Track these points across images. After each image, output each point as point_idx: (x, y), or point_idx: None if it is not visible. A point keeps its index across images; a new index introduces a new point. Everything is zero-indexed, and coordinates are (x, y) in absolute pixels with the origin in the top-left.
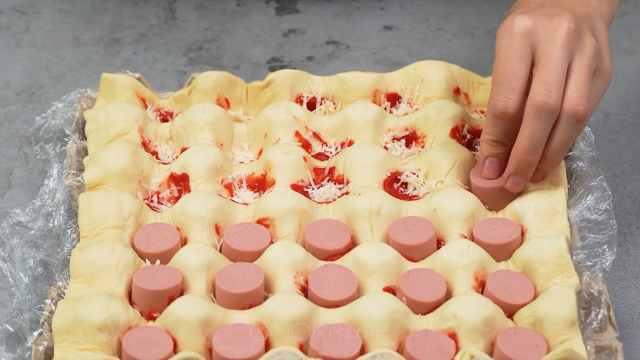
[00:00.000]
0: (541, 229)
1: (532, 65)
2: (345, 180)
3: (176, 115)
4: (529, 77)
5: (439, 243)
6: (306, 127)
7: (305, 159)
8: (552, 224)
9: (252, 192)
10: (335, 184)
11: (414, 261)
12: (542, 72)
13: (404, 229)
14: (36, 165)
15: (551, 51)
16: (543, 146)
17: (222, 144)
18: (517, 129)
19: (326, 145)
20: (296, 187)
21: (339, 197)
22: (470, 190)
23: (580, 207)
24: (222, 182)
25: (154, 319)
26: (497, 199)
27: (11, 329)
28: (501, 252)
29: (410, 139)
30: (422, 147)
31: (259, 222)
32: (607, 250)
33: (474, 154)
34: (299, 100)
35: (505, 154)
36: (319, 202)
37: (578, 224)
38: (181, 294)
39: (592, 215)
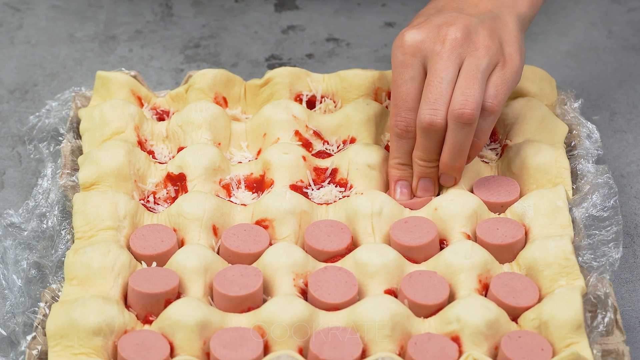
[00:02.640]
0: (543, 226)
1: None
2: (348, 185)
3: (173, 113)
4: None
5: (442, 242)
6: (306, 126)
7: (304, 158)
8: (554, 220)
9: (251, 192)
10: (336, 186)
11: (416, 262)
12: (427, 90)
13: (406, 230)
14: (30, 165)
15: (437, 65)
16: (437, 157)
17: (219, 144)
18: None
19: (327, 144)
20: (295, 188)
21: (339, 199)
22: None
23: (587, 205)
24: (219, 183)
25: (150, 322)
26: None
27: (4, 333)
28: (505, 252)
29: None
30: None
31: (258, 223)
32: (613, 248)
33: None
34: (298, 98)
35: (411, 175)
36: (318, 203)
37: (584, 222)
38: (178, 297)
39: (598, 212)
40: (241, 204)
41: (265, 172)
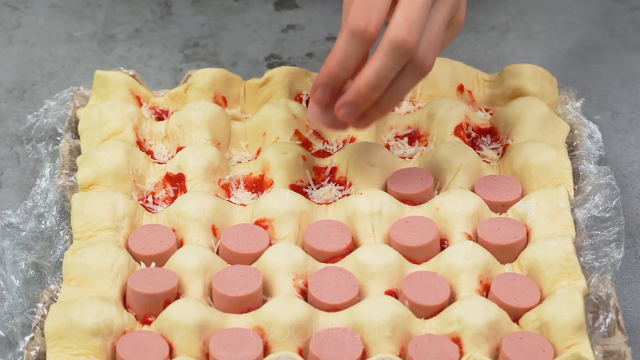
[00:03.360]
0: (545, 226)
1: None
2: (347, 183)
3: (172, 113)
4: (392, 7)
5: (443, 242)
6: (306, 126)
7: (304, 158)
8: (555, 220)
9: (250, 192)
10: (336, 185)
11: (417, 263)
12: (408, 6)
13: (406, 230)
14: (28, 165)
15: None
16: (386, 84)
17: (219, 143)
18: (363, 60)
19: (327, 143)
20: (295, 188)
21: (339, 198)
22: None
23: (588, 206)
24: (219, 183)
25: (149, 323)
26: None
27: (2, 334)
28: (506, 252)
29: (413, 137)
30: (425, 145)
31: (257, 223)
32: (615, 248)
33: (478, 153)
34: (298, 98)
35: (341, 84)
36: (318, 203)
37: (586, 222)
38: (177, 297)
39: (599, 213)
40: (240, 204)
41: (264, 172)
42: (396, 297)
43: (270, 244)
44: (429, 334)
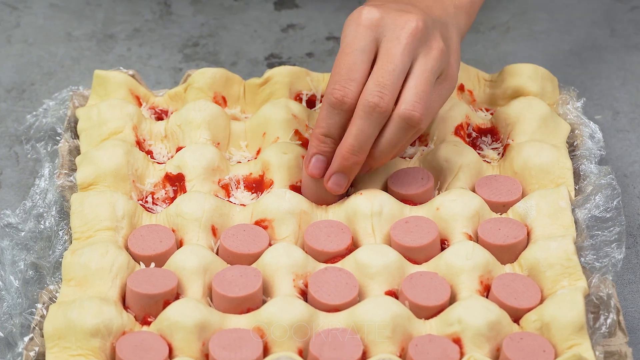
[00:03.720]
0: (546, 226)
1: (375, 59)
2: None
3: (171, 113)
4: (370, 72)
5: (443, 243)
6: (306, 125)
7: (303, 157)
8: (556, 220)
9: (250, 192)
10: None
11: (417, 263)
12: (378, 72)
13: (407, 230)
14: (27, 165)
15: (393, 49)
16: (369, 147)
17: (218, 143)
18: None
19: None
20: (295, 188)
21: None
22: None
23: (589, 206)
24: (218, 183)
25: (148, 323)
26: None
27: (1, 334)
28: (507, 253)
29: None
30: (426, 145)
31: (257, 223)
32: (615, 248)
33: (479, 153)
34: (298, 97)
35: (332, 152)
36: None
37: (586, 222)
38: (177, 297)
39: (600, 214)
40: (240, 204)
41: (264, 172)
42: (396, 298)
43: (270, 244)
44: (430, 334)
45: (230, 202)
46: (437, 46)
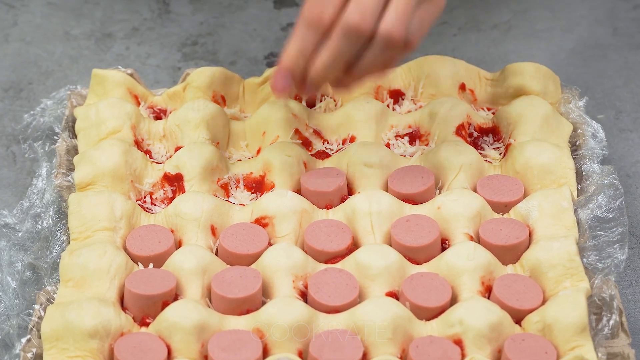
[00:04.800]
0: (548, 227)
1: None
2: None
3: (170, 112)
4: None
5: (444, 243)
6: (306, 125)
7: (305, 164)
8: (559, 221)
9: (250, 192)
10: None
11: (418, 263)
12: None
13: (407, 229)
14: (24, 165)
15: None
16: (344, 65)
17: (218, 143)
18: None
19: (327, 143)
20: (297, 192)
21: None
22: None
23: (592, 206)
24: (217, 182)
25: (147, 324)
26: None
27: None
28: (508, 253)
29: (414, 136)
30: (426, 145)
31: (258, 220)
32: (618, 249)
33: (480, 153)
34: (297, 97)
35: (302, 71)
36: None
37: (589, 223)
38: (175, 298)
39: (603, 214)
40: (240, 204)
41: (265, 173)
42: (397, 299)
43: (269, 244)
44: (430, 335)
45: (229, 202)
46: None
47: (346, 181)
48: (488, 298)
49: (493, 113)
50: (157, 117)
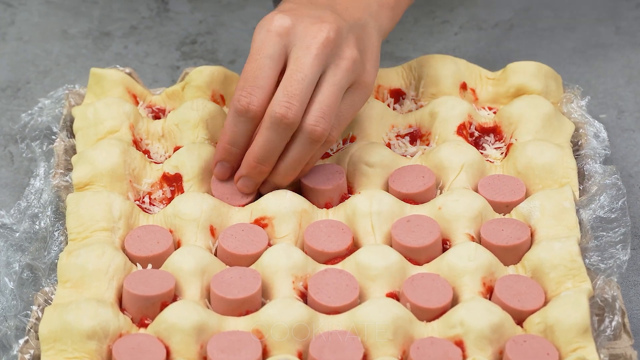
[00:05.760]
0: (550, 227)
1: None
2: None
3: (169, 112)
4: (278, 80)
5: (445, 243)
6: None
7: None
8: (561, 221)
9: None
10: None
11: (418, 264)
12: (287, 82)
13: (408, 229)
14: (22, 165)
15: (303, 59)
16: (276, 157)
17: (217, 143)
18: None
19: None
20: (296, 191)
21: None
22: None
23: (594, 206)
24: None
25: (145, 326)
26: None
27: None
28: (510, 254)
29: (415, 136)
30: (427, 145)
31: (257, 221)
32: (621, 249)
33: (481, 153)
34: None
35: (238, 158)
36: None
37: (591, 223)
38: (174, 299)
39: (605, 214)
40: (239, 205)
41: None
42: (397, 300)
43: (269, 244)
44: (431, 337)
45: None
46: (350, 56)
47: (346, 179)
48: (489, 299)
49: (494, 112)
50: (156, 117)
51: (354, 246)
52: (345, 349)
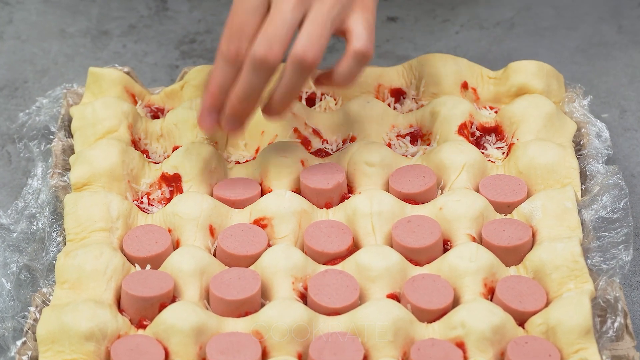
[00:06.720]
0: (552, 227)
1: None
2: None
3: (168, 111)
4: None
5: (446, 244)
6: (305, 124)
7: (303, 162)
8: (563, 222)
9: None
10: None
11: (419, 264)
12: (267, 25)
13: (409, 230)
14: (19, 164)
15: (283, 5)
16: (258, 95)
17: (216, 142)
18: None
19: (327, 143)
20: (296, 192)
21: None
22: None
23: (596, 207)
24: (216, 184)
25: (144, 327)
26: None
27: None
28: (511, 255)
29: (416, 136)
30: (428, 144)
31: (257, 222)
32: (623, 250)
33: (483, 152)
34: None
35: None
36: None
37: (593, 223)
38: (173, 300)
39: (607, 214)
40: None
41: (262, 179)
42: (398, 301)
43: (269, 245)
44: (432, 338)
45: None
46: None
47: (346, 179)
48: (491, 300)
49: (496, 112)
50: (155, 116)
51: (354, 247)
52: (345, 350)
